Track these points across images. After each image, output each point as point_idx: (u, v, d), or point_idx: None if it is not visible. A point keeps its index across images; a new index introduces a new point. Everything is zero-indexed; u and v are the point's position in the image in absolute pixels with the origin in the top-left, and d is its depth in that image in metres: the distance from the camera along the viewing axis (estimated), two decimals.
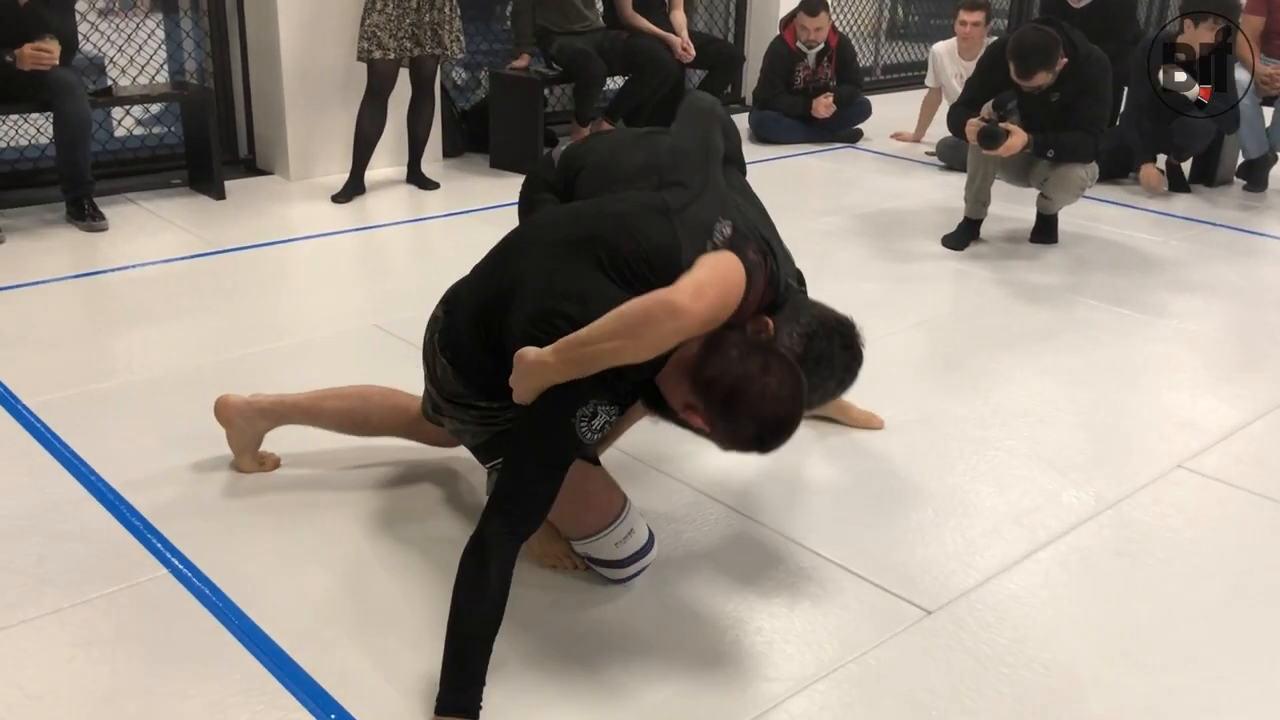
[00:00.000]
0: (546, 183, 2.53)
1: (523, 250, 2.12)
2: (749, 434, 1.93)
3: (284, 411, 2.65)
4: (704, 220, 2.02)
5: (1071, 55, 4.33)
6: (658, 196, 2.07)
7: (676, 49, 6.05)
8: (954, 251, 4.64)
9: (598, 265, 1.97)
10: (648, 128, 2.61)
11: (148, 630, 2.14)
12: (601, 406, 1.92)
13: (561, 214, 2.23)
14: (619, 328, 1.85)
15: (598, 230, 2.02)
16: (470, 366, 2.16)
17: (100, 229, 4.50)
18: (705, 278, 1.92)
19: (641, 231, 1.99)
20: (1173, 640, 2.21)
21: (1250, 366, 3.64)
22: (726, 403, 1.89)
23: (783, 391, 1.90)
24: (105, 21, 5.27)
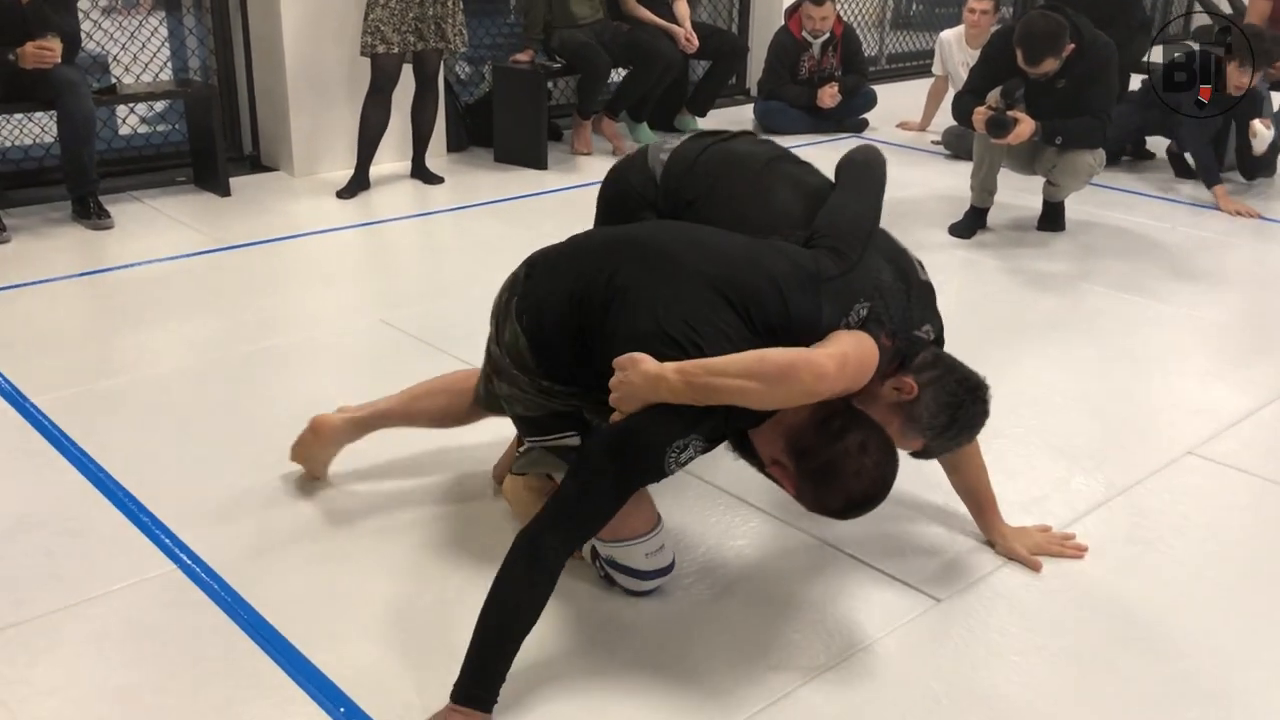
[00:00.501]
0: (643, 198, 2.35)
1: (658, 263, 2.00)
2: (836, 506, 1.94)
3: (377, 422, 2.58)
4: (848, 297, 1.98)
5: (1078, 41, 4.30)
6: (811, 259, 2.01)
7: (680, 40, 6.04)
8: (961, 240, 4.63)
9: (743, 316, 1.92)
10: (769, 148, 2.42)
11: (158, 626, 2.14)
12: (696, 443, 1.89)
13: (709, 241, 2.08)
14: (757, 370, 1.82)
15: (748, 280, 1.94)
16: (547, 346, 2.07)
17: (106, 227, 4.51)
18: (850, 352, 1.90)
19: (791, 294, 1.94)
20: (1184, 626, 2.20)
21: (1260, 352, 3.62)
22: (820, 474, 1.90)
23: (876, 472, 1.91)
24: (108, 20, 5.26)
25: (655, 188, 2.34)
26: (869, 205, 2.17)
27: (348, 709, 1.93)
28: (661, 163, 2.36)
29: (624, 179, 2.43)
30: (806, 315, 1.94)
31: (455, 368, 3.19)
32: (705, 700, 1.97)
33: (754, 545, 2.45)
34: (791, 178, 2.31)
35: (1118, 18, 5.18)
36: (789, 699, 1.98)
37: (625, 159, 2.50)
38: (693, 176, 2.31)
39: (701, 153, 2.35)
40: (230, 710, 1.93)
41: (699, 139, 2.42)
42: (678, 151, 2.36)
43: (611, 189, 2.47)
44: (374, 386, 3.00)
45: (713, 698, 1.98)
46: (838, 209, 2.15)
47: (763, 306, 1.93)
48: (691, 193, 2.29)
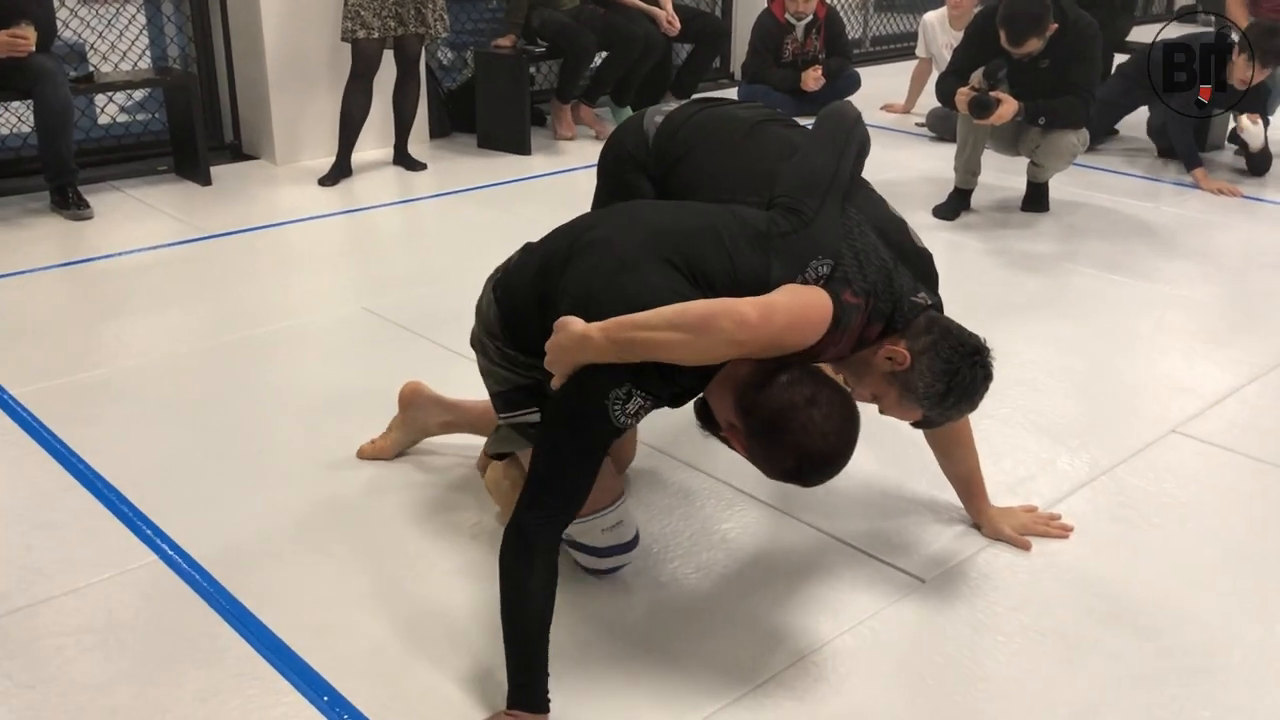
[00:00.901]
0: (635, 161, 2.35)
1: (611, 228, 2.00)
2: (788, 465, 1.86)
3: (463, 410, 2.58)
4: (801, 253, 1.93)
5: (1061, 21, 4.29)
6: (765, 219, 1.96)
7: (662, 23, 6.01)
8: (945, 222, 4.62)
9: (688, 276, 1.88)
10: (759, 112, 2.38)
11: (139, 617, 2.13)
12: (637, 392, 1.84)
13: (664, 209, 2.09)
14: (678, 320, 1.77)
15: (694, 240, 1.92)
16: (514, 314, 2.09)
17: (85, 217, 4.47)
18: (780, 303, 1.85)
19: (738, 253, 1.90)
20: (1169, 602, 2.20)
21: (1244, 330, 3.62)
22: (767, 430, 1.83)
23: (827, 426, 1.82)
24: (85, 8, 5.21)
25: (647, 150, 2.34)
26: (829, 159, 2.09)
27: (331, 698, 1.92)
28: (655, 124, 2.35)
29: (620, 143, 2.42)
30: (753, 272, 1.89)
31: (438, 354, 3.20)
32: (690, 684, 1.97)
33: (739, 530, 2.44)
34: (779, 138, 2.27)
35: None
36: (774, 681, 1.97)
37: (625, 122, 2.49)
38: (681, 137, 2.31)
39: (693, 115, 2.35)
40: (213, 701, 1.91)
41: (694, 103, 2.41)
42: (672, 114, 2.36)
43: (609, 155, 2.46)
44: (356, 374, 3.00)
45: (698, 681, 1.97)
46: (797, 165, 2.09)
47: (706, 264, 1.89)
48: (679, 151, 2.29)
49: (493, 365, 2.17)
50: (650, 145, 2.33)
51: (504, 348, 2.12)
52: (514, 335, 2.11)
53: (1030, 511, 2.47)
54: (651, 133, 2.34)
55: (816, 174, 2.05)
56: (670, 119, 2.34)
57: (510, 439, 2.22)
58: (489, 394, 2.23)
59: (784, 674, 1.99)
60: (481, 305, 2.20)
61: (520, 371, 2.13)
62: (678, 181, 2.27)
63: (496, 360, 2.15)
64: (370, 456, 2.68)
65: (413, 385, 2.66)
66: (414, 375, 2.70)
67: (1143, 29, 9.36)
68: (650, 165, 2.33)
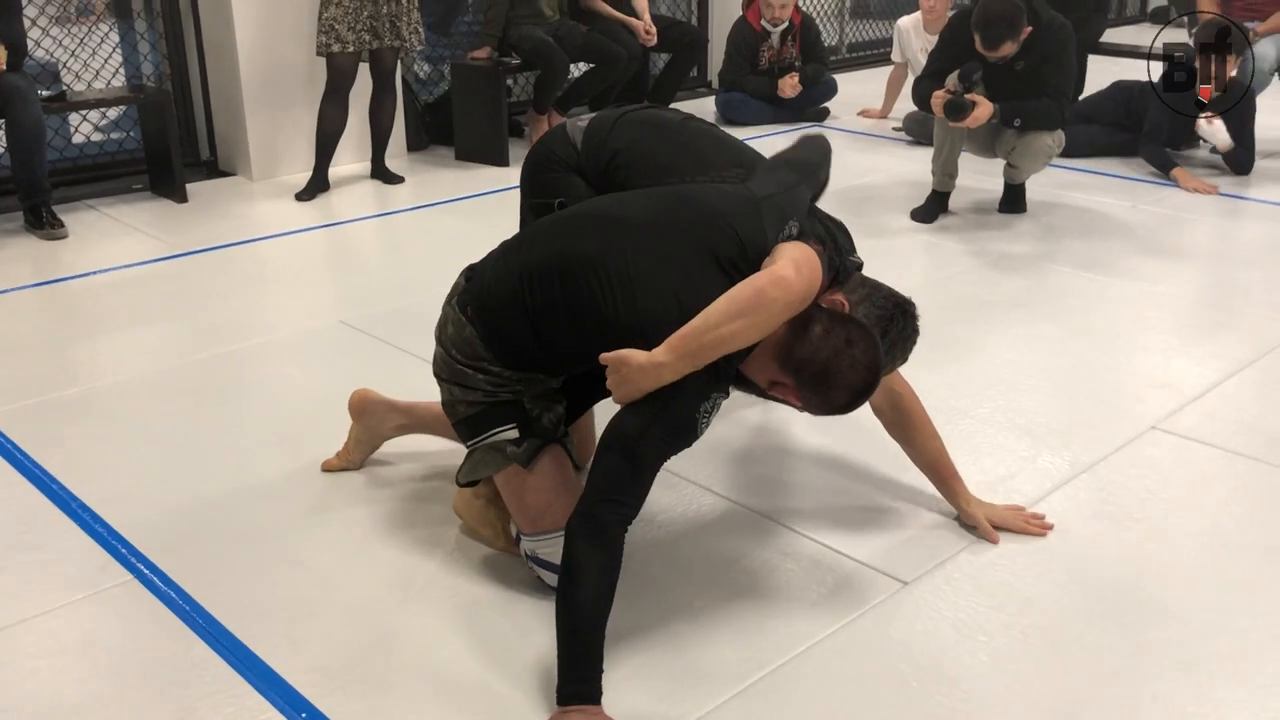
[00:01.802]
0: (565, 163, 2.45)
1: (612, 229, 2.04)
2: (842, 402, 2.00)
3: (420, 412, 2.57)
4: (781, 215, 2.07)
5: (1035, 24, 4.31)
6: (744, 187, 2.11)
7: (639, 33, 6.02)
8: (924, 224, 4.63)
9: (709, 256, 1.98)
10: (679, 114, 2.58)
11: (114, 637, 2.10)
12: (717, 397, 1.98)
13: (645, 198, 2.16)
14: (733, 310, 1.88)
15: (689, 219, 2.02)
16: (499, 330, 2.08)
17: (59, 236, 4.44)
18: (795, 256, 1.96)
19: (735, 221, 2.02)
20: (1151, 598, 2.20)
21: (1221, 326, 3.63)
22: (820, 379, 1.95)
23: (867, 358, 1.97)
24: (58, 28, 5.18)
25: (578, 154, 2.45)
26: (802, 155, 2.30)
27: (309, 714, 1.90)
28: (580, 130, 2.47)
29: (547, 150, 2.53)
30: (755, 239, 2.01)
31: (415, 367, 3.18)
32: (672, 689, 1.95)
33: (719, 533, 2.43)
34: (708, 133, 2.46)
35: (1072, 1, 5.19)
36: (756, 686, 1.96)
37: (544, 135, 2.60)
38: (614, 138, 2.43)
39: (619, 118, 2.48)
40: (190, 719, 1.89)
41: (611, 110, 2.54)
42: (594, 120, 2.49)
43: (533, 159, 2.56)
44: (333, 387, 2.97)
45: (680, 686, 1.96)
46: (776, 156, 2.29)
47: (719, 243, 1.99)
48: (615, 150, 2.40)
49: (468, 390, 2.13)
50: (580, 148, 2.44)
51: (489, 366, 2.10)
52: (500, 350, 2.09)
53: (1013, 509, 2.47)
54: (579, 138, 2.46)
55: (794, 161, 2.26)
56: (595, 124, 2.47)
57: (485, 462, 2.15)
58: (455, 422, 2.19)
59: (766, 678, 1.98)
60: (449, 331, 2.15)
61: (504, 390, 2.11)
62: (621, 174, 2.38)
63: (474, 387, 2.12)
64: (338, 469, 2.66)
65: (361, 393, 2.63)
66: (391, 388, 2.68)
67: (1116, 31, 9.44)
68: (585, 166, 2.43)
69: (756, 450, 2.76)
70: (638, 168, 2.37)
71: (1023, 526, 2.41)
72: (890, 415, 2.41)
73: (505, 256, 2.15)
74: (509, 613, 2.16)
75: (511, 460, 2.12)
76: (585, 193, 2.43)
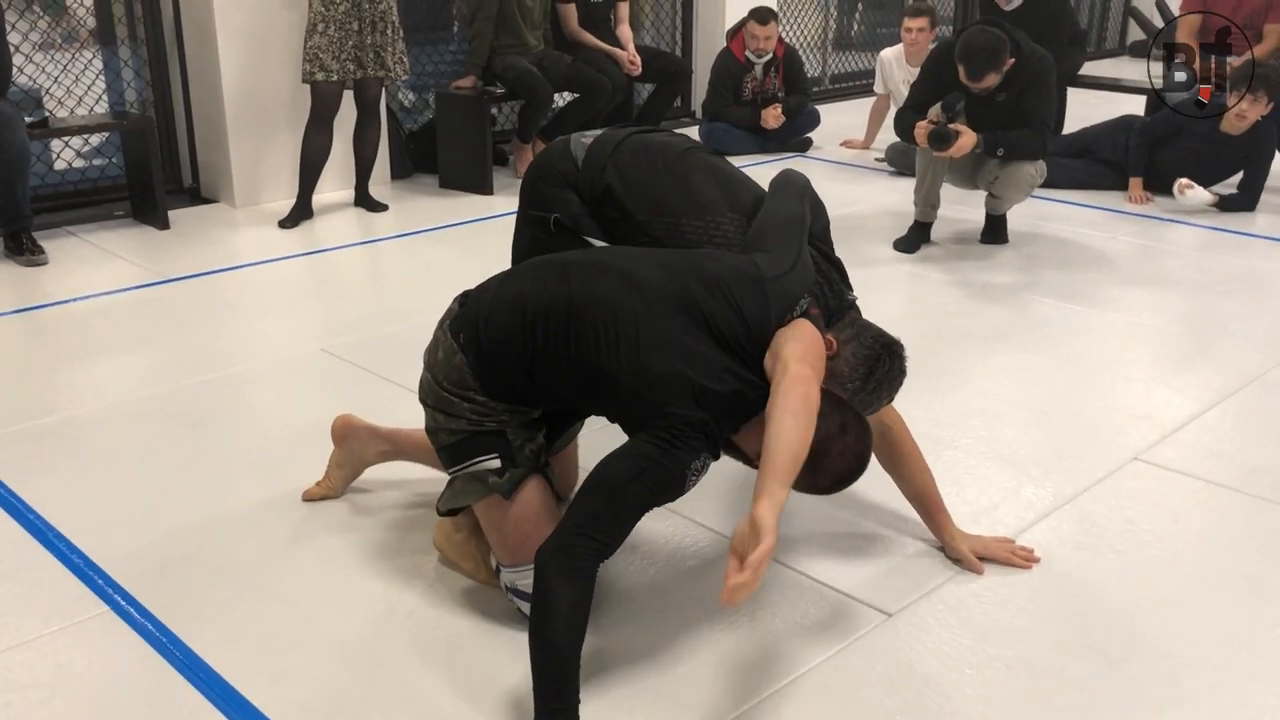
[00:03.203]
0: (565, 178, 2.45)
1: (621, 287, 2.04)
2: (825, 484, 2.05)
3: (400, 440, 2.56)
4: (792, 294, 2.10)
5: (1017, 55, 4.35)
6: (750, 263, 2.12)
7: (624, 63, 6.05)
8: (906, 255, 4.65)
9: (707, 332, 2.01)
10: (684, 139, 2.56)
11: (89, 670, 2.07)
12: (708, 458, 1.99)
13: (653, 260, 2.15)
14: (800, 423, 1.89)
15: (699, 295, 2.03)
16: (490, 362, 2.07)
17: (40, 263, 4.41)
18: (802, 347, 2.00)
19: (743, 302, 2.04)
20: (1135, 630, 2.19)
21: (1202, 356, 3.66)
22: (811, 461, 1.94)
23: (858, 447, 2.03)
24: (41, 54, 5.17)
25: (578, 171, 2.45)
26: (795, 204, 2.31)
27: None
28: (584, 146, 2.47)
29: (549, 163, 2.52)
30: (759, 319, 2.04)
31: (397, 395, 3.17)
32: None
33: (704, 565, 2.42)
34: (708, 165, 2.46)
35: (1048, 33, 5.24)
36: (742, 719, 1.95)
37: (550, 146, 2.59)
38: (614, 162, 2.43)
39: (622, 140, 2.48)
40: None
41: (620, 128, 2.53)
42: (599, 139, 2.48)
43: (535, 170, 2.55)
44: (314, 416, 2.95)
45: (665, 719, 1.94)
46: (769, 217, 2.28)
47: (722, 322, 2.02)
48: (612, 176, 2.41)
49: (453, 418, 2.12)
50: (580, 166, 2.44)
51: (475, 395, 2.09)
52: (488, 381, 2.08)
53: (1000, 541, 2.47)
54: (580, 155, 2.45)
55: (789, 222, 2.25)
56: (599, 143, 2.45)
57: (465, 491, 2.14)
58: (439, 449, 2.18)
59: (749, 712, 1.96)
60: (438, 356, 2.14)
61: (488, 419, 2.10)
62: (614, 209, 2.38)
63: (458, 414, 2.10)
64: (319, 498, 2.64)
65: (343, 419, 2.62)
66: (373, 416, 2.67)
67: (1095, 64, 9.55)
68: (582, 185, 2.43)
69: (740, 481, 2.75)
70: (632, 202, 2.38)
71: (1008, 558, 2.41)
72: (881, 447, 2.39)
73: (506, 288, 2.13)
74: (490, 645, 2.14)
75: (493, 490, 2.11)
76: (578, 210, 2.43)
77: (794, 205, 2.30)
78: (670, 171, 2.40)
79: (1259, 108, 5.14)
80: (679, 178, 2.39)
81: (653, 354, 1.96)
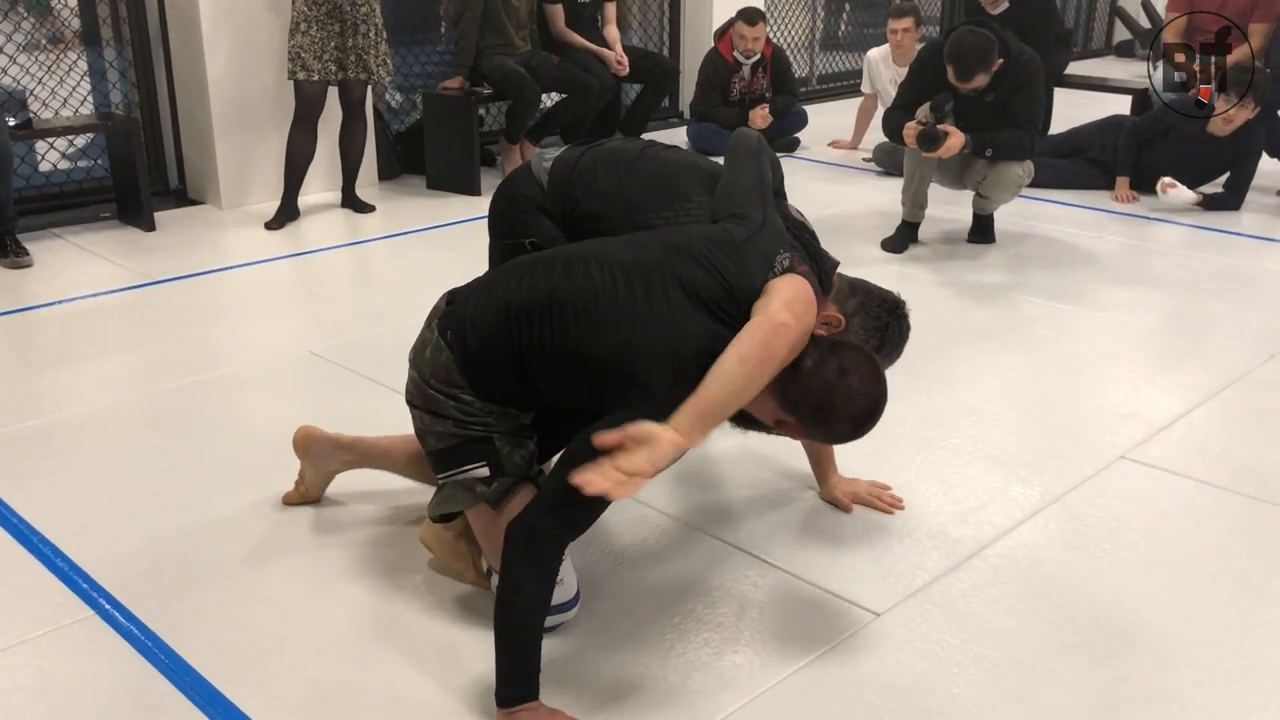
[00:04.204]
0: (534, 202, 2.47)
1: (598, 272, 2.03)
2: (845, 431, 2.05)
3: (363, 449, 2.55)
4: (767, 251, 2.08)
5: (1005, 56, 4.36)
6: (722, 230, 2.12)
7: (611, 64, 6.04)
8: (894, 255, 4.66)
9: (698, 300, 1.97)
10: (638, 141, 2.60)
11: (74, 675, 2.06)
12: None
13: (625, 241, 2.17)
14: (742, 369, 1.88)
15: (675, 265, 2.02)
16: (478, 361, 2.06)
17: (24, 265, 4.38)
18: (787, 296, 1.97)
19: (720, 265, 2.02)
20: (1123, 629, 2.19)
21: (1188, 355, 3.67)
22: (818, 413, 1.98)
23: (865, 385, 2.00)
24: (25, 55, 5.14)
25: (544, 193, 2.48)
26: (753, 169, 2.30)
27: None
28: (545, 170, 2.50)
29: (514, 188, 2.56)
30: (740, 280, 2.01)
31: (384, 396, 3.16)
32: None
33: (689, 565, 2.41)
34: (663, 159, 2.50)
35: (1034, 33, 5.24)
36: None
37: (511, 173, 2.63)
38: (577, 175, 2.46)
39: (581, 155, 2.51)
40: None
41: (576, 146, 2.57)
42: (559, 159, 2.52)
43: (501, 198, 2.59)
44: (302, 419, 2.93)
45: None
46: (729, 186, 2.30)
47: (698, 284, 1.99)
48: (580, 191, 2.44)
49: (439, 419, 2.11)
50: (546, 188, 2.47)
51: (462, 395, 2.08)
52: (475, 381, 2.07)
53: (873, 484, 2.64)
54: (544, 177, 2.48)
55: (750, 187, 2.26)
56: (560, 163, 2.49)
57: (455, 498, 2.14)
58: (427, 453, 2.17)
59: (738, 712, 1.96)
60: (425, 354, 2.13)
61: (474, 422, 2.09)
62: (589, 223, 2.40)
63: (445, 415, 2.10)
64: (299, 503, 2.63)
65: (304, 430, 2.60)
66: (359, 418, 2.66)
67: (1081, 64, 9.58)
68: (550, 205, 2.46)
69: (725, 479, 2.75)
70: (606, 211, 2.40)
71: (873, 501, 2.59)
72: None
73: (492, 288, 2.12)
74: (478, 648, 2.12)
75: (480, 499, 2.11)
76: (554, 233, 2.44)
77: (751, 167, 2.30)
78: (632, 174, 2.45)
79: (1245, 113, 5.16)
80: (641, 178, 2.44)
81: (632, 329, 1.94)
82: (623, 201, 2.39)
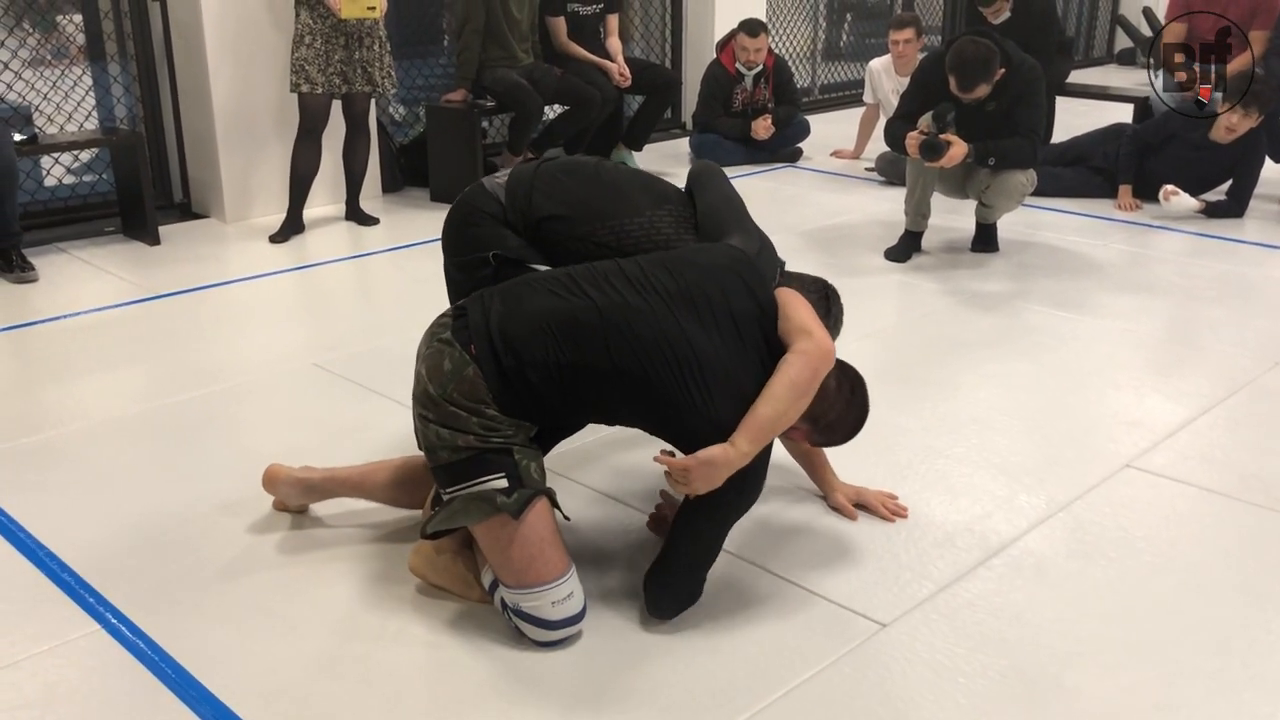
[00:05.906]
0: (494, 217, 2.52)
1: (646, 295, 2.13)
2: (841, 440, 2.37)
3: (332, 487, 2.56)
4: (772, 267, 2.40)
5: (1007, 65, 4.37)
6: (735, 248, 2.32)
7: (613, 75, 6.06)
8: (897, 264, 4.66)
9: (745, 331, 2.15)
10: (590, 159, 2.70)
11: (79, 690, 2.06)
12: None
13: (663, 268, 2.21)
14: (797, 393, 2.09)
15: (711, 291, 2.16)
16: (511, 375, 2.06)
17: (30, 280, 4.40)
18: (807, 315, 2.18)
19: (749, 282, 2.21)
20: (1128, 638, 2.19)
21: (1192, 363, 3.66)
22: (832, 427, 2.29)
23: (862, 399, 2.33)
24: (31, 70, 5.17)
25: (502, 206, 2.55)
26: (730, 190, 2.56)
27: None
28: (500, 186, 2.57)
29: (471, 205, 2.60)
30: (765, 296, 2.21)
31: (388, 409, 3.16)
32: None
33: None
34: (618, 172, 2.65)
35: (1035, 42, 5.26)
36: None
37: (465, 192, 2.67)
38: (538, 183, 2.55)
39: (538, 168, 2.61)
40: None
41: (525, 164, 2.67)
42: (515, 173, 2.61)
43: (459, 216, 2.63)
44: (305, 431, 2.95)
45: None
46: (716, 206, 2.50)
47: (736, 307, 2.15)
48: (542, 200, 2.51)
49: (458, 433, 2.07)
50: (505, 201, 2.53)
51: (486, 409, 2.07)
52: (505, 396, 2.07)
53: (879, 493, 2.68)
54: (501, 193, 2.55)
55: (738, 204, 2.52)
56: (516, 178, 2.57)
57: (467, 511, 2.09)
58: (436, 466, 2.13)
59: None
60: (445, 368, 2.09)
61: (495, 435, 2.07)
62: (555, 224, 2.49)
63: (462, 429, 2.07)
64: (283, 510, 2.65)
65: (271, 470, 2.61)
66: (364, 430, 2.67)
67: (1082, 73, 9.59)
68: (513, 219, 2.53)
69: None
70: (572, 216, 2.49)
71: (877, 507, 2.63)
72: None
73: (518, 303, 2.13)
74: (483, 663, 2.12)
75: (501, 510, 2.06)
76: (517, 245, 2.51)
77: (728, 189, 2.54)
78: (595, 181, 2.55)
79: (1249, 122, 5.17)
80: (604, 185, 2.55)
81: (714, 376, 2.07)
82: (591, 210, 2.49)
